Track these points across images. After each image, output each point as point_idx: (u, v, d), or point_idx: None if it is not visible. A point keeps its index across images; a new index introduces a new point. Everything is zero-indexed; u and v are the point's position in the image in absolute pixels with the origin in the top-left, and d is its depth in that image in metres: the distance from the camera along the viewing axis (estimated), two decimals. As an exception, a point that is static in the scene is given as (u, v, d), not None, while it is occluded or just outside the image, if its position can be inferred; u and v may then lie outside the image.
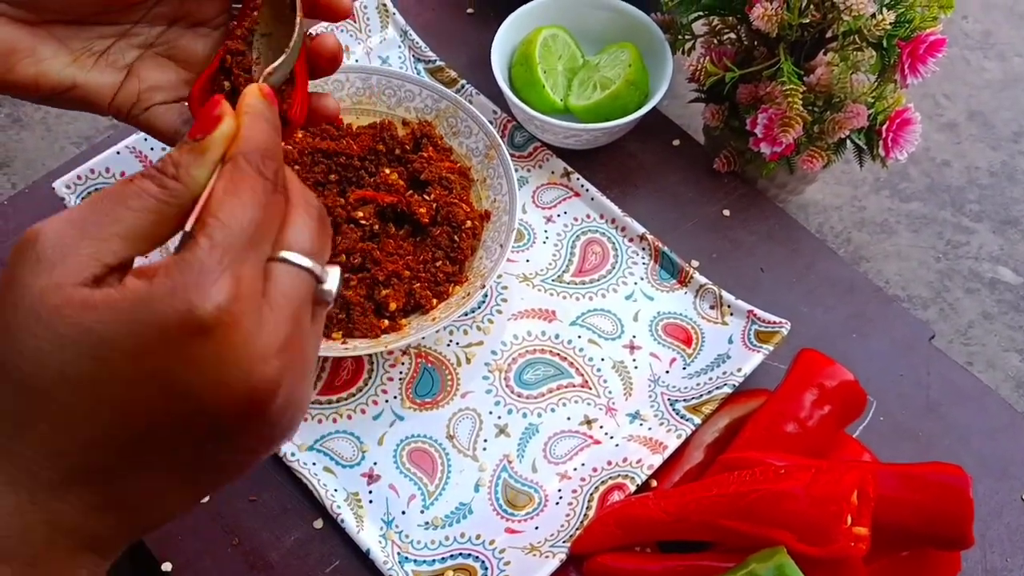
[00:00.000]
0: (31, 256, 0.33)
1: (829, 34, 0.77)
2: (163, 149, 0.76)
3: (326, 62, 0.48)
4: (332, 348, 0.65)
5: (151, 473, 0.35)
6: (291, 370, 0.35)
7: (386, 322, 0.67)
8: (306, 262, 0.36)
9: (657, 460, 0.64)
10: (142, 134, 0.75)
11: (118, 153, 0.75)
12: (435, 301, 0.68)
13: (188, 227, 0.36)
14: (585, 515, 0.63)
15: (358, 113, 0.78)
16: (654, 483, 0.65)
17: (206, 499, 0.65)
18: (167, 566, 0.63)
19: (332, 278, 0.37)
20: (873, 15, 0.71)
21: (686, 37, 0.82)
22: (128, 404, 0.33)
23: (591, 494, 0.64)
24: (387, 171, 0.72)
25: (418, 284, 0.68)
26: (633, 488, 0.64)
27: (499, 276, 0.74)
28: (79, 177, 0.73)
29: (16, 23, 0.47)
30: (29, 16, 0.47)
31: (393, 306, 0.67)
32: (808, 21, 0.73)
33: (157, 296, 0.32)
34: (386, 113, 0.78)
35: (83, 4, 0.47)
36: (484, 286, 0.67)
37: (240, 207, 0.35)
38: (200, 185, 0.36)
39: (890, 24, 0.70)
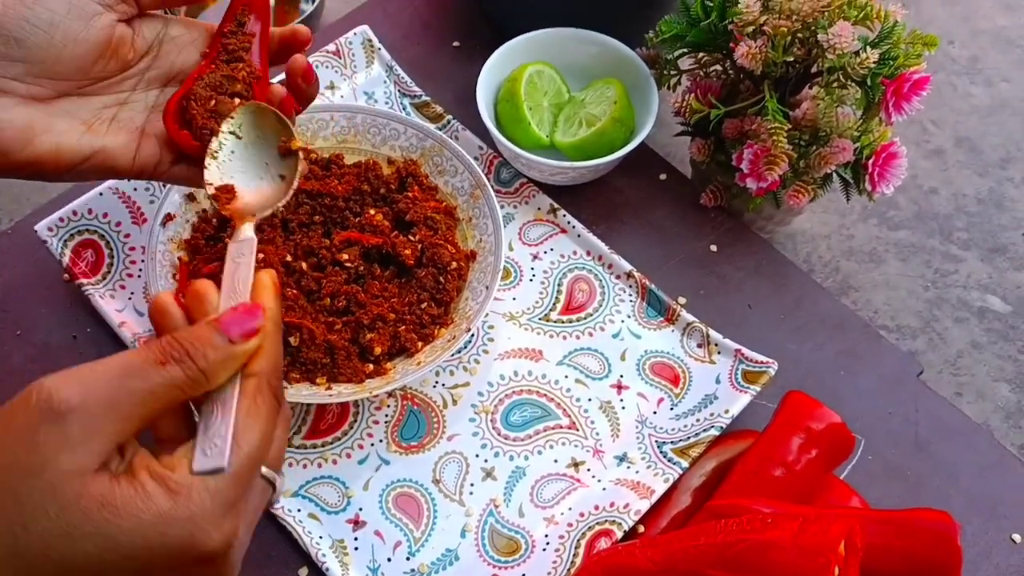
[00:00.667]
0: (57, 432, 0.34)
1: (814, 69, 0.77)
2: (146, 189, 0.76)
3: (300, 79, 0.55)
4: (317, 395, 0.64)
5: None
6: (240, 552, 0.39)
7: (371, 366, 0.67)
8: (275, 478, 0.41)
9: (644, 505, 0.64)
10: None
11: (100, 194, 0.74)
12: (420, 344, 0.68)
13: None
14: (572, 562, 0.63)
15: (343, 151, 0.77)
16: (641, 528, 0.64)
17: None
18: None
19: (279, 486, 0.42)
20: (857, 53, 0.71)
21: (672, 73, 0.82)
22: None
23: (578, 540, 0.64)
24: (372, 212, 0.72)
25: (403, 327, 0.68)
26: (620, 534, 0.63)
27: (485, 315, 0.73)
28: (61, 219, 0.73)
29: (29, 102, 0.49)
30: (41, 92, 0.50)
31: (378, 350, 0.66)
32: (792, 59, 0.73)
33: (177, 518, 0.35)
34: (371, 152, 0.77)
35: (84, 64, 0.51)
36: (470, 329, 0.67)
37: (256, 433, 0.38)
38: (215, 382, 0.38)
39: (874, 62, 0.70)
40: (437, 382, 0.71)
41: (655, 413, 0.71)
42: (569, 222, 0.79)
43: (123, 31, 0.52)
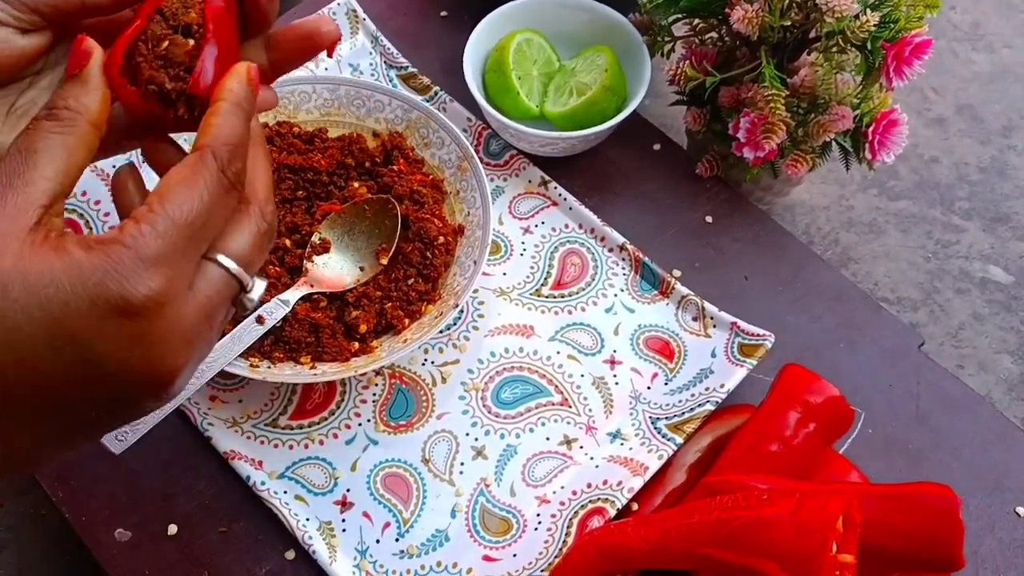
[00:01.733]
0: None
1: (812, 34, 0.75)
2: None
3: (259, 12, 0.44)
4: (301, 374, 0.63)
5: (33, 424, 0.35)
6: (194, 361, 0.37)
7: (356, 344, 0.65)
8: (236, 268, 0.38)
9: (638, 483, 0.62)
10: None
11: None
12: (407, 321, 0.66)
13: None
14: (564, 542, 0.61)
15: (327, 124, 0.75)
16: (635, 506, 0.63)
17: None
18: (133, 602, 0.61)
19: (257, 289, 0.40)
20: (857, 16, 0.69)
21: (665, 40, 0.80)
22: (37, 357, 0.34)
23: (570, 519, 0.62)
24: (356, 185, 0.70)
25: (389, 304, 0.66)
26: (613, 512, 0.62)
27: (475, 291, 0.71)
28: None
29: None
30: None
31: (363, 328, 0.65)
32: (790, 23, 0.70)
33: (93, 268, 0.34)
34: (356, 124, 0.75)
35: None
36: (458, 305, 0.65)
37: (189, 201, 0.36)
38: (92, 112, 0.38)
39: (874, 25, 0.68)
40: (426, 360, 0.69)
41: (649, 388, 0.69)
42: (560, 194, 0.77)
43: (27, 43, 0.42)
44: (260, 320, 0.61)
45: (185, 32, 0.40)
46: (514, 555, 0.62)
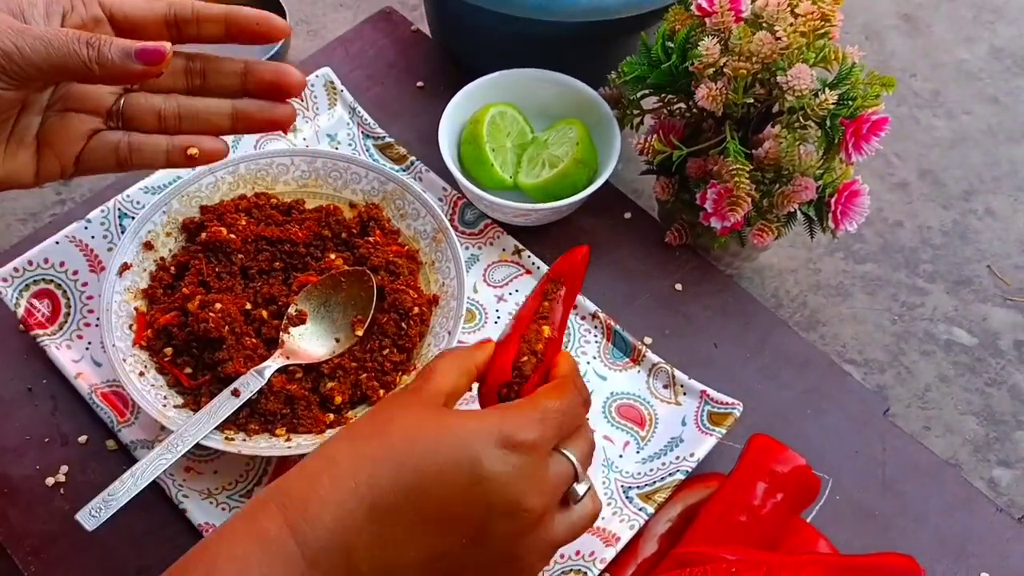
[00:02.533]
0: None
1: (775, 109, 0.77)
2: (104, 237, 0.74)
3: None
4: (276, 446, 0.63)
5: (423, 539, 0.45)
6: (546, 519, 0.48)
7: (331, 416, 0.66)
8: (576, 462, 0.49)
9: (610, 553, 0.63)
10: (81, 222, 0.74)
11: (57, 243, 0.73)
12: (382, 391, 0.67)
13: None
14: (537, 613, 0.61)
15: (304, 196, 0.77)
16: (607, 576, 0.63)
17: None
18: None
19: (583, 485, 0.50)
20: (816, 94, 0.71)
21: (634, 113, 0.82)
22: (443, 475, 0.45)
23: (544, 590, 0.63)
24: (332, 256, 0.71)
25: (364, 375, 0.67)
26: (586, 583, 0.62)
27: (449, 360, 0.72)
28: (16, 269, 0.72)
29: None
30: None
31: (338, 399, 0.65)
32: (752, 100, 0.73)
33: (496, 415, 0.47)
34: (333, 195, 0.77)
35: None
36: (432, 376, 0.66)
37: (559, 399, 0.49)
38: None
39: (833, 103, 0.71)
40: (401, 429, 0.70)
41: (621, 456, 0.70)
42: (534, 263, 0.78)
43: (15, 95, 0.48)
44: (236, 393, 0.62)
45: (533, 353, 0.55)
46: (487, 627, 0.62)
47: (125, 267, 0.69)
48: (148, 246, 0.71)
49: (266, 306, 0.69)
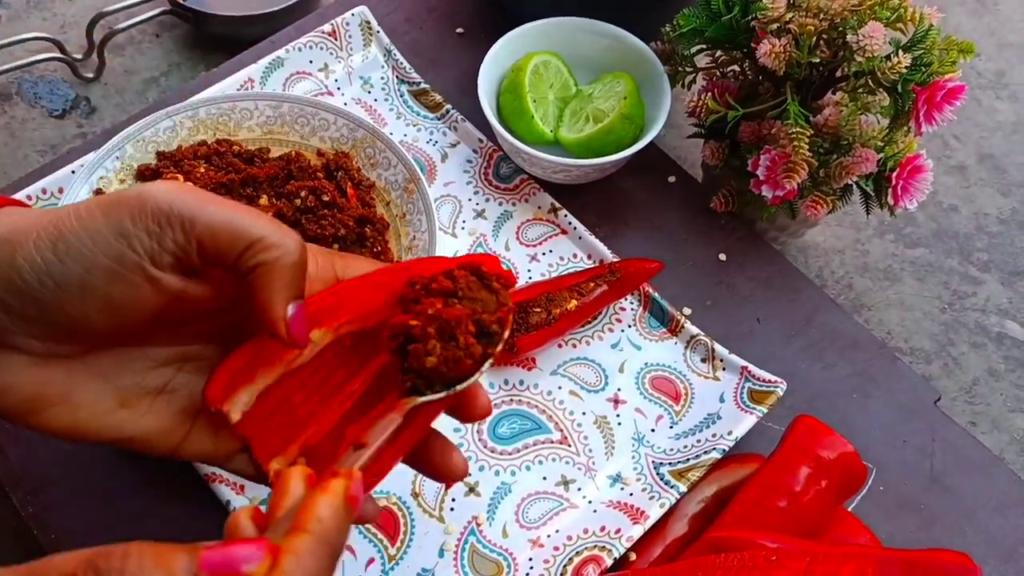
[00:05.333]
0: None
1: (839, 73, 0.72)
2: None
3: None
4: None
5: None
6: None
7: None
8: None
9: (637, 531, 0.59)
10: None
11: (72, 172, 0.69)
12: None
13: None
14: (557, 590, 0.58)
15: (269, 143, 0.72)
16: (633, 556, 0.60)
17: None
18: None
19: None
20: (888, 57, 0.66)
21: (687, 70, 0.77)
22: None
23: (564, 566, 0.59)
24: (264, 200, 0.66)
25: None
26: (610, 561, 0.58)
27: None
28: (28, 197, 0.68)
29: (46, 361, 0.36)
30: (66, 350, 0.37)
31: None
32: (817, 60, 0.68)
33: None
34: (299, 143, 0.71)
35: (131, 316, 0.37)
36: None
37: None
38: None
39: (906, 68, 0.66)
40: (422, 387, 0.66)
41: (653, 431, 0.66)
42: (571, 223, 0.74)
43: (185, 286, 0.38)
44: None
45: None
46: (503, 601, 0.59)
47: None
48: (99, 193, 0.66)
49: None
